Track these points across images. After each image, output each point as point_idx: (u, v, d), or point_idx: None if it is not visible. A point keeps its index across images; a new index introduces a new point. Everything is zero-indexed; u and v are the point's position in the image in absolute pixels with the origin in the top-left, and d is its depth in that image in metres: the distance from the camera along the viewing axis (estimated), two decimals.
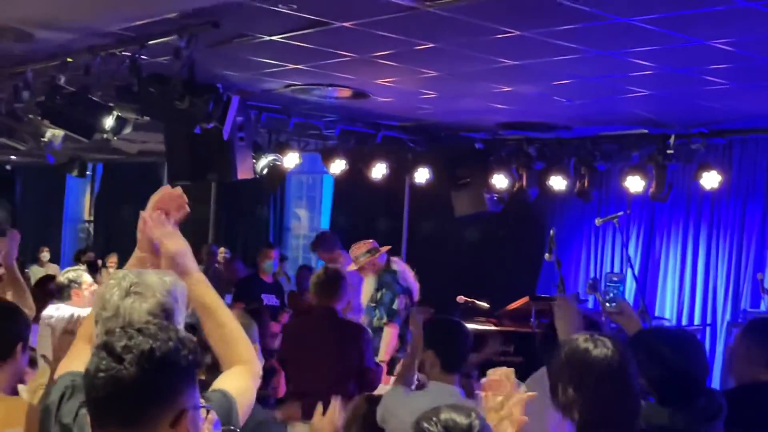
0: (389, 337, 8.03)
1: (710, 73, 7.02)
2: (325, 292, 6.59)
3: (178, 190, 2.85)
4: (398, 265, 8.88)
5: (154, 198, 2.78)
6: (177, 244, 2.70)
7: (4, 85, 8.04)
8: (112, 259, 15.03)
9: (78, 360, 2.57)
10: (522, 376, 3.48)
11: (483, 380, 2.69)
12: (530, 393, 2.56)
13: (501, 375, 2.54)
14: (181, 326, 2.46)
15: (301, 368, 6.43)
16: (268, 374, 6.74)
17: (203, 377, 2.65)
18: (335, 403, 3.56)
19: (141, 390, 1.75)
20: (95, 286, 5.96)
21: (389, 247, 9.08)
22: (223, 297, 7.80)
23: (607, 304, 4.04)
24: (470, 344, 4.82)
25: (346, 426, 3.99)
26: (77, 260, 15.14)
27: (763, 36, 5.75)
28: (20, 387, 3.97)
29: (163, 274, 2.49)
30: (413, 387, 4.98)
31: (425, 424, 2.17)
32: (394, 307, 8.18)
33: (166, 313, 2.37)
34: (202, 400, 2.01)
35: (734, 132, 9.84)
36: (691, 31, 5.74)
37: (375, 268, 8.53)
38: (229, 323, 2.68)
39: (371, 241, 8.83)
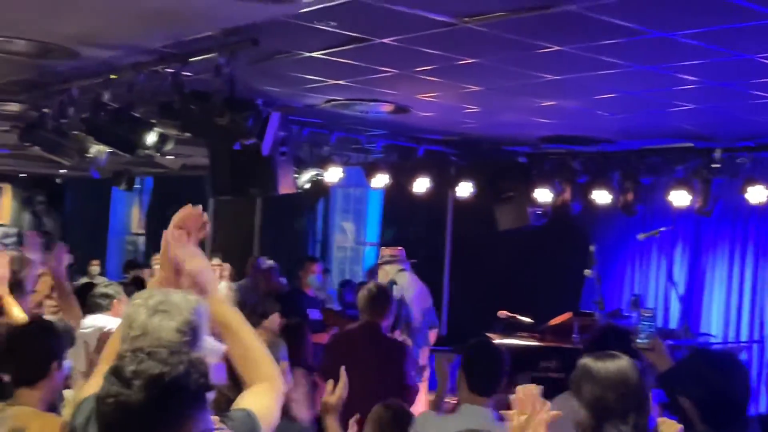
0: None
1: (755, 87, 6.91)
2: (372, 308, 6.62)
3: (199, 209, 2.84)
4: (405, 278, 9.17)
5: (176, 217, 2.79)
6: (198, 263, 2.71)
7: (50, 102, 8.20)
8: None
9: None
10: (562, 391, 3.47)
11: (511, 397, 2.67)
12: (555, 412, 2.54)
13: (527, 393, 2.52)
14: (207, 343, 2.52)
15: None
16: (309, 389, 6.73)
17: (229, 393, 2.68)
18: (344, 380, 3.66)
19: (149, 416, 1.74)
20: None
21: (414, 261, 9.65)
22: (266, 309, 7.87)
23: (639, 340, 4.03)
24: (505, 366, 4.78)
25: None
26: (126, 272, 15.27)
27: None
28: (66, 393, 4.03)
29: (186, 294, 2.51)
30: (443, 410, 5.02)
31: None
32: None
33: (193, 330, 2.39)
34: (218, 420, 2.01)
35: None
36: (734, 46, 5.66)
37: (387, 275, 9.09)
38: (250, 341, 2.68)
39: (400, 248, 9.55)
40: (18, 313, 5.05)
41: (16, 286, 5.66)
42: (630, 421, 2.82)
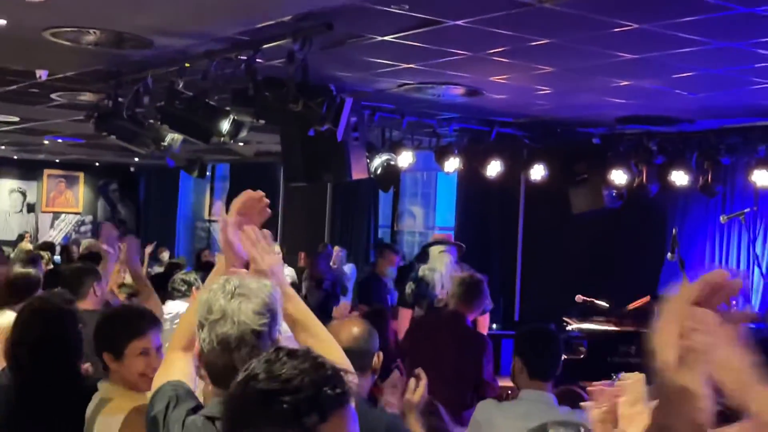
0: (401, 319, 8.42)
1: None
2: (462, 299, 6.63)
3: (260, 193, 2.81)
4: (441, 260, 9.11)
5: (236, 203, 2.77)
6: (270, 260, 2.71)
7: (125, 91, 8.33)
8: None
9: (173, 369, 2.66)
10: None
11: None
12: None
13: (635, 381, 2.38)
14: (281, 327, 2.57)
15: (422, 367, 6.45)
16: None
17: None
18: (425, 380, 3.71)
19: None
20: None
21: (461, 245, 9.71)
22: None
23: None
24: (561, 350, 4.87)
25: None
26: (198, 259, 15.52)
27: None
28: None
29: (260, 280, 2.53)
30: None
31: None
32: (407, 291, 8.73)
33: (271, 313, 2.41)
34: None
35: None
36: None
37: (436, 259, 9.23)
38: (322, 334, 2.70)
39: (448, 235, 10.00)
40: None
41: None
42: None
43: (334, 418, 1.43)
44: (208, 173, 17.68)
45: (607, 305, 9.29)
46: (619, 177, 10.06)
